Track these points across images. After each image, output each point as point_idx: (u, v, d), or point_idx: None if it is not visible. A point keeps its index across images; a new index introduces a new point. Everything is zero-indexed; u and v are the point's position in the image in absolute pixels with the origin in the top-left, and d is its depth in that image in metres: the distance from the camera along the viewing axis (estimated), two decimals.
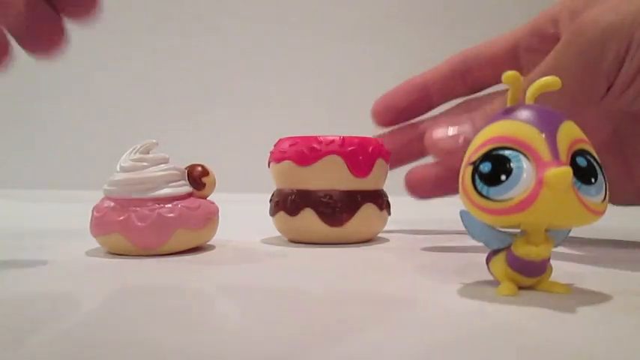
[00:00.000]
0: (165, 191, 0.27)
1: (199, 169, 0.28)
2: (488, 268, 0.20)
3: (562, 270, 0.23)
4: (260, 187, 0.34)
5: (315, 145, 0.30)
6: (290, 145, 0.31)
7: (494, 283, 0.20)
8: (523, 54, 0.34)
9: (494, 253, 0.20)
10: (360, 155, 0.30)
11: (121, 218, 0.26)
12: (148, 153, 0.28)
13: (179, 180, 0.28)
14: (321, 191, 0.30)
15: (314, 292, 0.20)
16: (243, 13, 0.89)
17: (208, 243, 0.30)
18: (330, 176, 0.30)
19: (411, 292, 0.20)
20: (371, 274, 0.24)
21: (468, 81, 0.36)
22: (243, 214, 0.50)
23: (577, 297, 0.19)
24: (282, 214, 0.31)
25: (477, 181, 0.18)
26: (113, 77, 0.89)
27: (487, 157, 0.18)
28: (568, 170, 0.16)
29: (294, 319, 0.17)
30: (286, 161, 0.30)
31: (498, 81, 0.34)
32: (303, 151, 0.30)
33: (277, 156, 0.31)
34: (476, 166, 0.18)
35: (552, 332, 0.15)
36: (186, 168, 0.28)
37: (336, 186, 0.30)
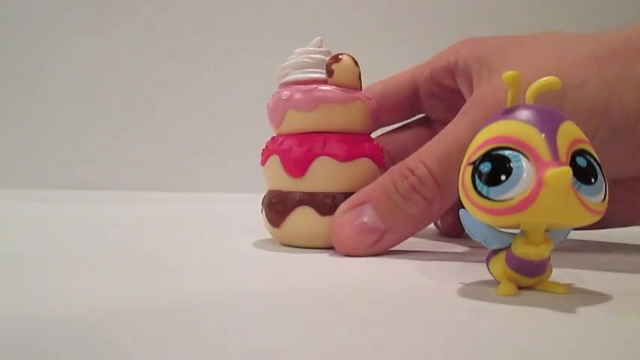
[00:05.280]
0: (295, 77, 0.29)
1: (333, 56, 0.29)
2: (488, 268, 0.20)
3: (562, 270, 0.23)
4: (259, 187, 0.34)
5: (267, 145, 0.30)
6: (267, 145, 0.31)
7: (494, 283, 0.20)
8: (424, 98, 0.34)
9: (494, 253, 0.20)
10: (294, 153, 0.29)
11: (268, 102, 0.30)
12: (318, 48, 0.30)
13: (313, 67, 0.29)
14: (272, 191, 0.30)
15: (310, 294, 0.20)
16: (241, 12, 0.89)
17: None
18: (273, 176, 0.30)
19: (411, 292, 0.20)
20: (367, 276, 0.24)
21: None
22: (239, 213, 0.50)
23: (577, 297, 0.19)
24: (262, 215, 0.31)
25: (477, 181, 0.18)
26: (111, 77, 0.89)
27: (487, 157, 0.18)
28: (568, 170, 0.16)
29: (293, 320, 0.17)
30: (268, 160, 0.30)
31: (401, 120, 0.36)
32: (262, 151, 0.30)
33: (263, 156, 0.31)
34: (476, 166, 0.18)
35: (552, 332, 0.15)
36: None
37: (279, 186, 0.30)
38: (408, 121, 0.36)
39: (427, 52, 0.35)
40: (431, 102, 0.34)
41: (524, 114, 0.18)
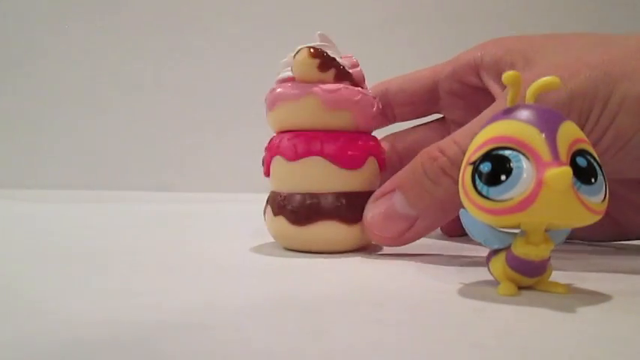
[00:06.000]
0: (280, 75, 0.29)
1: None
2: (488, 268, 0.20)
3: (562, 270, 0.23)
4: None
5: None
6: None
7: (494, 283, 0.20)
8: (444, 96, 0.33)
9: (494, 253, 0.20)
10: (264, 153, 0.29)
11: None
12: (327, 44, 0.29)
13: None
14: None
15: (310, 295, 0.20)
16: (243, 11, 0.89)
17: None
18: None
19: (411, 292, 0.20)
20: (367, 276, 0.24)
21: (387, 114, 0.35)
22: (239, 214, 0.50)
23: (577, 297, 0.19)
24: None
25: (477, 181, 0.18)
26: (111, 77, 0.89)
27: (487, 157, 0.18)
28: (568, 170, 0.16)
29: (293, 320, 0.17)
30: None
31: (416, 117, 0.35)
32: None
33: None
34: (476, 166, 0.18)
35: (552, 332, 0.15)
36: None
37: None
38: (421, 122, 0.35)
39: (430, 52, 0.35)
40: (450, 100, 0.33)
41: (524, 114, 0.18)
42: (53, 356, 0.13)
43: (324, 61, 0.27)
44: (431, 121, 0.35)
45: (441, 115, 0.35)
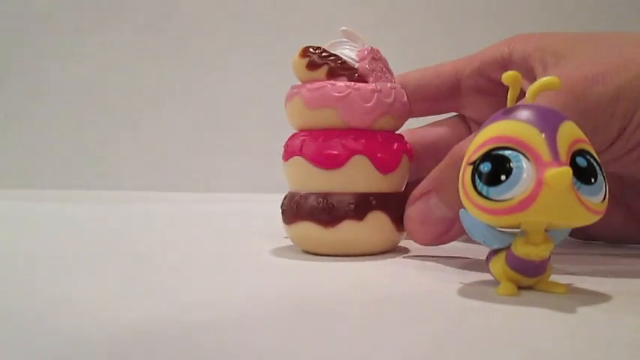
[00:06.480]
0: None
1: None
2: (488, 268, 0.20)
3: (562, 270, 0.23)
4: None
5: None
6: None
7: (494, 283, 0.20)
8: (467, 92, 0.32)
9: (494, 253, 0.20)
10: None
11: None
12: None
13: None
14: None
15: (310, 295, 0.20)
16: (242, 11, 0.89)
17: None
18: None
19: (411, 292, 0.20)
20: (368, 276, 0.24)
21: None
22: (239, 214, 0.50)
23: (577, 297, 0.19)
24: None
25: (477, 181, 0.18)
26: (112, 77, 0.89)
27: (487, 157, 0.18)
28: (568, 170, 0.16)
29: (293, 320, 0.17)
30: None
31: (434, 113, 0.34)
32: None
33: None
34: (476, 165, 0.18)
35: (552, 332, 0.15)
36: None
37: None
38: (441, 118, 0.34)
39: (431, 52, 0.35)
40: (473, 97, 0.32)
41: (524, 114, 0.18)
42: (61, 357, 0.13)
43: (312, 60, 0.27)
44: (449, 118, 0.34)
45: (455, 114, 0.34)
